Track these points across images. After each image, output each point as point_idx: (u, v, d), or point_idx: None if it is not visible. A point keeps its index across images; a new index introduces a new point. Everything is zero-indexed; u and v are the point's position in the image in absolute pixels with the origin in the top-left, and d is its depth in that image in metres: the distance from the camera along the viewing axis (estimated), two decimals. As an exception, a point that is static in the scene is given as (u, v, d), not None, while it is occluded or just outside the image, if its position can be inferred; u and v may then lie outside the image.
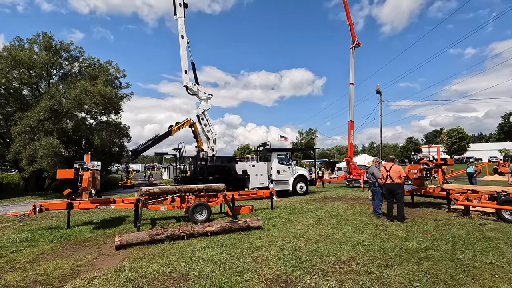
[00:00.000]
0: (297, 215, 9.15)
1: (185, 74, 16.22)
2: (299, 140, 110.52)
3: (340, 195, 15.62)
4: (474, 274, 4.00)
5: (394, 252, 5.10)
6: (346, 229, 6.95)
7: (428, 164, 10.42)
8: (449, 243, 5.54)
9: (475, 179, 21.35)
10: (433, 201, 11.67)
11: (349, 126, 22.50)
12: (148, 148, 19.30)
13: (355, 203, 12.01)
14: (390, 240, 5.92)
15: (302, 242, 5.92)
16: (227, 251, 5.33)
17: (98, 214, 10.72)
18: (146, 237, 6.14)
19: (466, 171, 21.49)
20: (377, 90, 28.05)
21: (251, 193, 10.92)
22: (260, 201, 12.85)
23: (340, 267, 4.45)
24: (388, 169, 7.97)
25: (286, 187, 15.91)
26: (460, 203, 8.65)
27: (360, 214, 9.20)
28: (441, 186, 10.39)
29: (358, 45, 22.27)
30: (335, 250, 5.26)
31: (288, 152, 17.06)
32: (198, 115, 16.73)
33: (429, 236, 6.15)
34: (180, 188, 8.78)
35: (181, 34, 16.36)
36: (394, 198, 7.97)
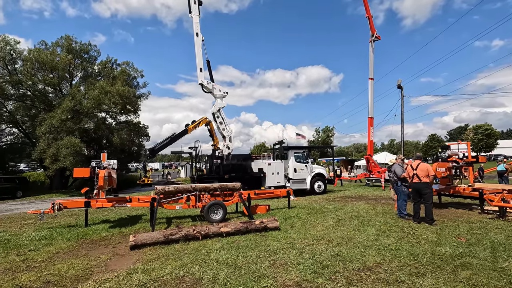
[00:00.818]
0: (316, 216, 8.77)
1: (200, 72, 16.13)
2: (316, 138, 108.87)
3: (360, 194, 15.01)
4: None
5: (425, 258, 4.64)
6: (369, 231, 6.51)
7: (458, 162, 9.70)
8: (488, 249, 5.00)
9: (507, 178, 20.02)
10: (462, 202, 10.91)
11: (369, 122, 21.69)
12: (165, 147, 19.40)
13: (377, 203, 11.44)
14: (419, 244, 5.44)
15: (323, 245, 5.56)
16: (243, 254, 5.07)
17: (116, 212, 10.81)
18: (161, 237, 6.00)
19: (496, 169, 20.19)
20: (398, 85, 26.90)
21: (268, 192, 10.62)
22: (276, 200, 12.54)
23: (366, 274, 4.07)
24: (415, 167, 7.42)
25: (304, 186, 15.50)
26: (495, 204, 7.94)
27: (383, 215, 8.68)
28: (472, 185, 9.64)
29: (377, 38, 21.38)
30: (359, 255, 4.87)
31: (305, 150, 16.62)
32: (213, 113, 16.62)
33: (463, 241, 5.61)
34: (195, 187, 8.62)
35: (196, 31, 16.27)
36: (422, 198, 7.42)
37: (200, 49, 16.24)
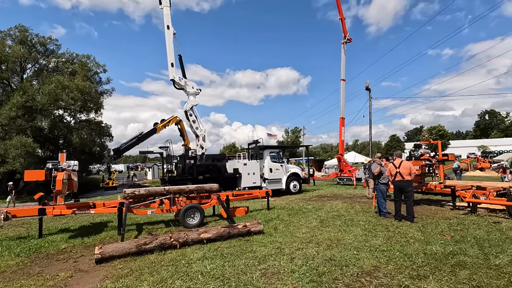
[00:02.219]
0: (298, 216, 8.50)
1: (172, 67, 15.24)
2: (285, 139, 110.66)
3: (334, 193, 15.13)
4: (525, 286, 3.45)
5: (420, 258, 4.51)
6: (356, 232, 6.34)
7: (431, 160, 10.04)
8: (475, 246, 5.02)
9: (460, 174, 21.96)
10: (432, 198, 11.36)
11: (340, 123, 22.17)
12: (131, 147, 18.11)
13: (353, 201, 11.51)
14: (409, 244, 5.34)
15: (313, 248, 5.25)
16: (230, 263, 4.57)
17: (76, 220, 9.65)
18: (132, 247, 5.28)
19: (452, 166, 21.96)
20: (367, 87, 27.95)
21: (246, 193, 10.17)
22: (252, 201, 12.13)
23: (367, 280, 3.80)
24: (398, 165, 7.44)
25: (279, 186, 15.27)
26: (467, 200, 8.26)
27: (363, 213, 8.65)
28: (443, 182, 10.03)
29: (349, 40, 21.94)
30: (354, 258, 4.61)
31: (281, 150, 16.43)
32: (186, 111, 15.80)
33: (448, 238, 5.64)
34: (170, 190, 7.92)
35: (167, 24, 15.36)
36: (404, 196, 7.46)
37: (172, 43, 15.34)
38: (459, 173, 22.29)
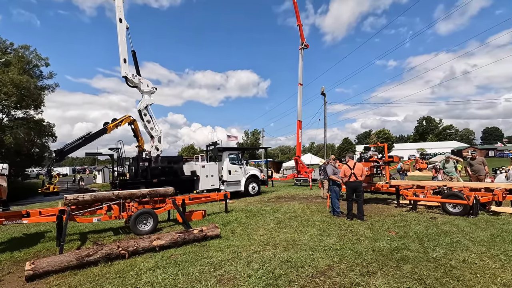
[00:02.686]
0: (256, 218, 8.48)
1: (124, 63, 14.27)
2: (245, 141, 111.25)
3: (292, 194, 15.51)
4: (457, 276, 3.81)
5: (369, 255, 4.76)
6: (311, 232, 6.51)
7: (378, 162, 10.79)
8: (416, 241, 5.47)
9: (403, 174, 24.57)
10: (379, 197, 12.21)
11: (298, 125, 22.83)
12: (77, 148, 16.52)
13: (309, 202, 11.88)
14: (359, 241, 5.62)
15: (270, 251, 5.24)
16: (184, 271, 4.34)
17: (6, 231, 8.45)
18: (73, 260, 4.74)
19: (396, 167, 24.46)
20: (322, 92, 29.29)
21: (204, 196, 9.88)
22: (210, 204, 11.88)
23: (321, 280, 3.87)
24: (352, 166, 7.83)
25: (238, 188, 15.18)
26: (410, 198, 9.03)
27: (318, 213, 8.96)
28: (389, 182, 10.85)
29: (306, 46, 22.74)
30: (309, 259, 4.70)
31: (240, 152, 16.37)
32: (140, 110, 14.90)
33: (393, 234, 6.06)
34: (119, 194, 7.34)
35: (119, 17, 14.36)
36: (355, 196, 7.87)
37: (124, 37, 14.37)
38: (402, 174, 24.85)
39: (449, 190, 8.55)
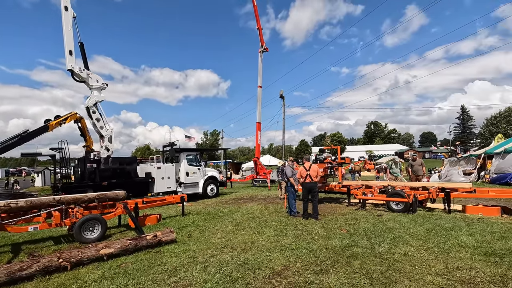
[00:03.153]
0: (214, 221, 8.35)
1: (70, 55, 13.07)
2: (204, 141, 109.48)
3: (250, 195, 15.62)
4: (399, 269, 4.16)
5: (322, 253, 4.97)
6: (269, 233, 6.60)
7: (332, 163, 11.38)
8: (364, 238, 5.86)
9: (354, 174, 26.65)
10: (332, 197, 12.88)
11: (257, 127, 23.10)
12: (12, 148, 14.63)
13: (267, 203, 12.07)
14: (314, 240, 5.85)
15: (227, 254, 5.18)
16: (135, 281, 4.08)
17: None
18: (1, 276, 4.16)
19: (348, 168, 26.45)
20: (281, 95, 30.05)
21: (159, 199, 9.45)
22: (167, 207, 11.42)
23: (277, 280, 3.94)
24: (308, 168, 8.13)
25: (196, 190, 14.84)
26: (359, 197, 9.67)
27: (276, 214, 9.14)
28: (341, 182, 11.51)
29: (266, 50, 23.14)
30: (266, 260, 4.75)
31: (198, 153, 16.02)
32: (88, 107, 13.77)
33: (345, 232, 6.42)
34: (62, 199, 6.67)
35: (65, 5, 13.12)
36: (311, 196, 8.18)
37: (71, 27, 13.17)
38: (353, 174, 26.84)
39: (392, 189, 9.35)
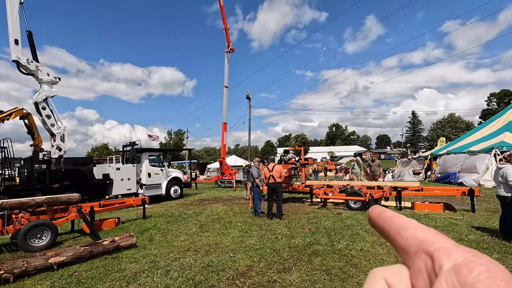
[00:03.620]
0: (177, 223, 8.13)
1: (16, 45, 11.84)
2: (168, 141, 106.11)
3: (215, 196, 15.46)
4: (355, 264, 4.42)
5: (285, 252, 5.10)
6: (233, 234, 6.60)
7: (296, 164, 11.72)
8: (325, 236, 6.12)
9: (316, 175, 27.82)
10: (296, 196, 13.25)
11: (223, 127, 22.97)
12: None
13: (232, 203, 12.04)
14: (278, 240, 5.97)
15: (191, 257, 5.08)
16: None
17: None
18: None
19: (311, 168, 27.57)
20: (247, 96, 30.18)
21: (118, 202, 8.95)
22: (126, 211, 10.87)
23: (241, 281, 3.96)
24: (271, 169, 8.27)
25: (159, 192, 14.31)
26: (321, 196, 10.07)
27: (241, 214, 9.16)
28: (304, 182, 11.89)
29: (232, 50, 23.12)
30: (230, 261, 4.74)
31: (161, 153, 15.48)
32: (37, 103, 12.59)
33: (307, 231, 6.65)
34: (3, 204, 6.02)
35: (10, -12, 11.84)
36: (275, 196, 8.33)
37: (17, 14, 11.93)
38: (316, 174, 27.99)
39: (351, 189, 9.88)
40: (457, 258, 0.22)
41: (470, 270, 0.20)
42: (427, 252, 0.24)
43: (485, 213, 8.13)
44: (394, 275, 0.26)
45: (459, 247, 0.23)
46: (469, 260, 0.21)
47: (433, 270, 0.23)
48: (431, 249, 0.24)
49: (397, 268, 0.27)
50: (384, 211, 0.30)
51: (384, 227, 0.29)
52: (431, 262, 0.23)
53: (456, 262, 0.21)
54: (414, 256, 0.25)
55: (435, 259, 0.23)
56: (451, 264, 0.22)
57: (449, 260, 0.22)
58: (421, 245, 0.24)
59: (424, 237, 0.25)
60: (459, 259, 0.22)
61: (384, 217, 0.30)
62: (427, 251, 0.24)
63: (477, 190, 8.50)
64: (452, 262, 0.22)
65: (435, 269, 0.22)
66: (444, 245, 0.23)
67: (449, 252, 0.23)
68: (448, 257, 0.22)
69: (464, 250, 0.23)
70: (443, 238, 0.24)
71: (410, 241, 0.25)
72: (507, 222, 5.48)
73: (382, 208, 0.31)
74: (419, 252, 0.24)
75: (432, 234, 0.25)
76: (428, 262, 0.23)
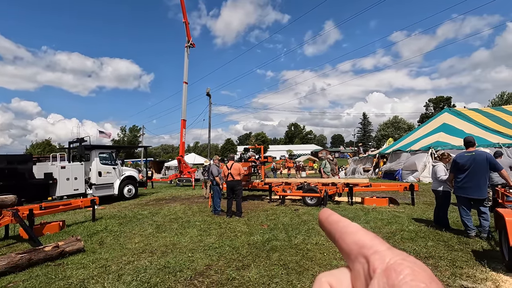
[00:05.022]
0: (131, 225, 7.71)
1: None
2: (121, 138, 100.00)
3: (173, 195, 14.99)
4: (311, 257, 4.63)
5: (244, 249, 5.14)
6: (192, 233, 6.46)
7: (255, 162, 11.86)
8: (283, 231, 6.30)
9: (275, 172, 28.68)
10: (256, 194, 13.42)
11: (182, 124, 22.31)
12: None
13: (191, 202, 11.79)
14: (237, 237, 6.00)
15: (146, 259, 4.86)
16: (28, 302, 3.45)
17: None
18: None
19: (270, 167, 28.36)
20: (207, 93, 29.69)
21: (63, 204, 8.18)
22: (73, 213, 10.03)
23: (200, 281, 3.89)
24: (230, 167, 8.25)
25: (111, 192, 13.40)
26: (279, 194, 10.34)
27: (200, 213, 9.01)
28: (264, 180, 12.10)
29: (192, 45, 22.53)
30: (188, 261, 4.64)
31: (114, 150, 14.50)
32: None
33: (266, 227, 6.78)
34: None
35: None
36: (234, 194, 8.34)
37: None
38: (275, 172, 28.81)
39: (308, 185, 10.31)
40: (389, 261, 0.24)
41: (398, 273, 0.22)
42: (364, 256, 0.26)
43: (423, 206, 9.08)
44: (337, 279, 0.28)
45: (392, 251, 0.25)
46: (398, 263, 0.23)
47: (369, 273, 0.24)
48: (368, 253, 0.25)
49: (341, 272, 0.29)
50: (331, 215, 0.31)
51: (330, 231, 0.30)
52: (367, 266, 0.25)
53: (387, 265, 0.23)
54: (355, 259, 0.27)
55: (370, 263, 0.25)
56: (383, 267, 0.23)
57: (382, 263, 0.24)
58: (360, 250, 0.26)
59: (364, 241, 0.27)
60: (390, 262, 0.23)
61: (330, 220, 0.31)
62: (364, 255, 0.26)
63: (416, 185, 9.46)
64: (384, 265, 0.23)
65: (370, 272, 0.24)
66: (379, 249, 0.25)
67: (383, 256, 0.24)
68: (382, 261, 0.24)
69: (395, 253, 0.25)
70: (379, 242, 0.26)
71: (351, 246, 0.27)
72: (440, 213, 6.20)
73: (329, 212, 0.32)
74: (359, 256, 0.26)
75: (370, 238, 0.27)
76: (365, 265, 0.25)
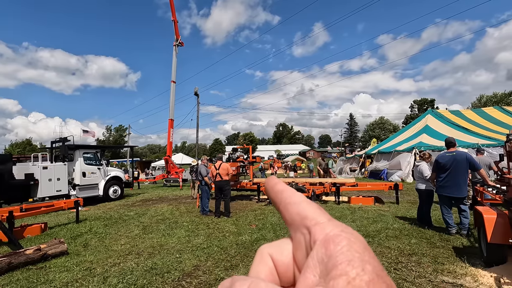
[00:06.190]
0: (116, 226, 7.56)
1: None
2: (107, 137, 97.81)
3: (160, 196, 14.78)
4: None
5: (233, 250, 5.14)
6: (180, 234, 6.40)
7: (244, 162, 11.86)
8: (271, 231, 6.34)
9: (263, 172, 28.80)
10: (244, 194, 13.41)
11: (169, 124, 22.02)
12: None
13: (179, 203, 11.66)
14: (225, 238, 5.98)
15: (132, 260, 4.78)
16: (8, 307, 3.33)
17: None
18: None
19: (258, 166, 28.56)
20: (195, 92, 29.40)
21: (45, 206, 7.93)
22: (55, 214, 9.74)
23: (187, 281, 3.86)
24: (218, 167, 8.22)
25: (95, 193, 13.09)
26: (267, 194, 10.37)
27: (188, 214, 8.93)
28: (252, 180, 12.12)
29: (181, 44, 22.27)
30: (176, 262, 4.59)
31: (99, 150, 14.17)
32: None
33: (254, 227, 6.80)
34: None
35: None
36: (222, 194, 8.31)
37: None
38: (263, 172, 28.92)
39: (296, 185, 10.40)
40: (329, 232, 0.24)
41: (336, 244, 0.23)
42: (306, 227, 0.26)
43: (406, 204, 9.33)
44: (278, 250, 0.28)
45: (332, 222, 0.25)
46: (337, 234, 0.24)
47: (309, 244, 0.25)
48: (309, 224, 0.26)
49: (282, 242, 0.29)
50: (277, 184, 0.31)
51: (275, 200, 0.30)
52: (309, 236, 0.25)
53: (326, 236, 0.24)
54: (297, 230, 0.26)
55: (311, 234, 0.25)
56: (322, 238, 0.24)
57: (322, 234, 0.24)
58: (302, 221, 0.26)
59: (306, 212, 0.27)
60: (330, 233, 0.24)
61: (276, 190, 0.30)
62: (306, 225, 0.26)
63: (401, 185, 9.71)
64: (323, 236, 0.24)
65: (311, 242, 0.25)
66: (321, 220, 0.26)
67: (323, 227, 0.25)
68: (322, 231, 0.24)
69: (335, 225, 0.25)
70: (321, 214, 0.27)
71: (294, 216, 0.27)
72: (423, 212, 6.38)
73: (276, 180, 0.31)
74: (301, 226, 0.26)
75: (313, 210, 0.27)
76: (306, 236, 0.25)
